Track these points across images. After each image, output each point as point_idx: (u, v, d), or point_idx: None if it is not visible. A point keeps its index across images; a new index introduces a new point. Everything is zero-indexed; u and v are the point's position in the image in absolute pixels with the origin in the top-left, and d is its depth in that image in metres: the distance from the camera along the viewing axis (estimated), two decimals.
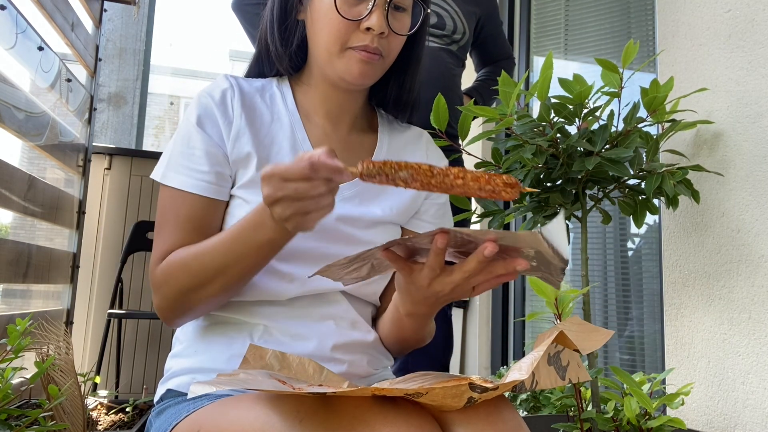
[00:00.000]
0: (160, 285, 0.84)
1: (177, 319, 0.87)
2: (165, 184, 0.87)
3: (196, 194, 0.86)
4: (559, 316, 1.06)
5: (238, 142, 0.89)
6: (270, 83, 0.98)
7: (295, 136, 0.93)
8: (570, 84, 1.18)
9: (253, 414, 0.66)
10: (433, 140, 1.09)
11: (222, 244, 0.80)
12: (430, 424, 0.65)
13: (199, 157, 0.87)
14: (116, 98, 4.16)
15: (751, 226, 1.31)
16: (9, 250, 1.65)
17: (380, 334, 0.96)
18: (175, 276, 0.83)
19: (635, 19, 2.29)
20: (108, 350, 2.55)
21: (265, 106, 0.94)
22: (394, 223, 0.97)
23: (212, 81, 0.94)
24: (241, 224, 0.78)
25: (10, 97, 1.62)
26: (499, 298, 2.66)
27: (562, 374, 0.69)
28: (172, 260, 0.83)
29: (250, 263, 0.80)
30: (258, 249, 0.78)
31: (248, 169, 0.88)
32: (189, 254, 0.82)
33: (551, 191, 1.24)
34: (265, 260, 0.80)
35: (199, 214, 0.86)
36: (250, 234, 0.77)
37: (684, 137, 1.48)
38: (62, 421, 1.25)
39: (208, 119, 0.88)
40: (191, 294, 0.82)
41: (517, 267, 0.68)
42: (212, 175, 0.87)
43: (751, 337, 1.29)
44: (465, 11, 1.79)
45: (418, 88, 1.02)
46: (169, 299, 0.84)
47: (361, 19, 0.86)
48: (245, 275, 0.81)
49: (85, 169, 2.40)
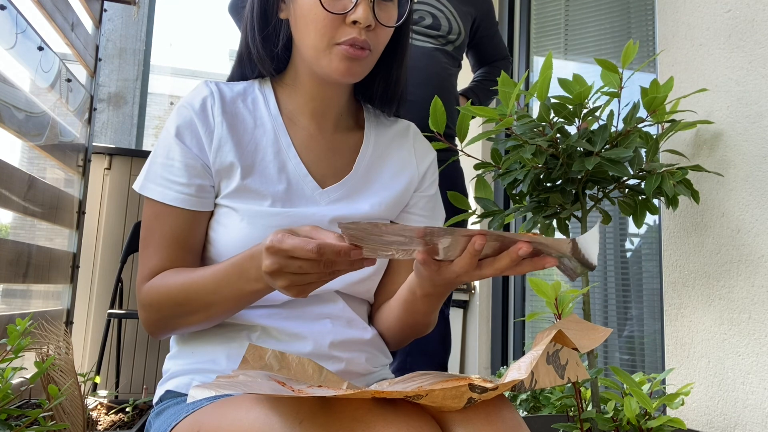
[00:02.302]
0: (145, 306, 0.85)
1: (162, 335, 0.88)
2: (146, 196, 0.87)
3: (177, 207, 0.86)
4: (559, 316, 1.06)
5: (220, 152, 0.88)
6: (252, 86, 0.96)
7: (279, 141, 0.92)
8: (570, 84, 1.17)
9: (253, 415, 0.66)
10: (420, 133, 1.08)
11: (208, 282, 0.80)
12: (430, 425, 0.65)
13: (178, 169, 0.86)
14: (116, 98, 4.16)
15: (751, 226, 1.31)
16: (9, 250, 1.65)
17: (384, 325, 0.95)
18: (160, 302, 0.83)
19: (635, 19, 2.29)
20: (108, 350, 2.55)
21: (247, 112, 0.93)
22: (384, 218, 0.97)
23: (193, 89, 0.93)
24: (228, 269, 0.78)
25: (10, 97, 1.62)
26: (499, 298, 2.66)
27: (561, 373, 0.69)
28: (158, 285, 0.84)
29: (234, 305, 0.81)
30: (242, 295, 0.79)
31: (232, 179, 0.88)
32: (175, 284, 0.82)
33: (551, 191, 1.24)
34: (250, 303, 0.81)
35: (182, 227, 0.86)
36: (236, 281, 0.77)
37: (684, 137, 1.48)
38: (62, 421, 1.25)
39: (187, 130, 0.88)
40: (175, 320, 0.84)
41: (546, 265, 0.68)
42: (192, 187, 0.86)
43: (751, 337, 1.29)
44: (460, 12, 1.80)
45: (404, 82, 1.00)
46: (153, 320, 0.85)
47: (346, 12, 0.84)
48: (230, 311, 0.83)
49: (85, 169, 2.40)
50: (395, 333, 0.95)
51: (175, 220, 0.86)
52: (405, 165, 1.01)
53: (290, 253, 0.66)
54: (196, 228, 0.88)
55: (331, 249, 0.64)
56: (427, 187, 1.03)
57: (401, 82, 1.00)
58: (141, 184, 0.88)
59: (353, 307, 0.93)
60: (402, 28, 0.95)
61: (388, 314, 0.94)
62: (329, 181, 0.93)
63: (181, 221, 0.86)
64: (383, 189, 0.97)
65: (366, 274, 0.92)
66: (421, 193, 1.02)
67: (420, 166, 1.02)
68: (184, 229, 0.86)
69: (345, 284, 0.91)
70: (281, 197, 0.89)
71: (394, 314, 0.92)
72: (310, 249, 0.64)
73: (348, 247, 0.64)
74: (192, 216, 0.87)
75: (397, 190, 0.98)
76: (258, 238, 0.84)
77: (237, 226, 0.86)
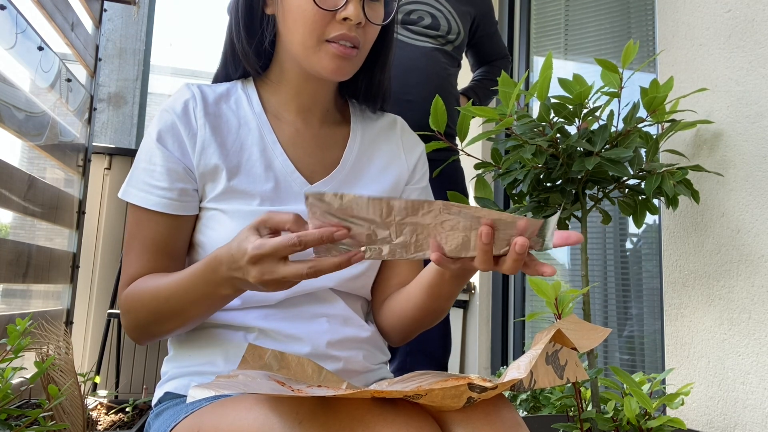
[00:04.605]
0: (123, 313, 0.86)
1: (144, 341, 0.88)
2: (129, 202, 0.87)
3: (159, 212, 0.86)
4: (559, 316, 1.06)
5: (204, 154, 0.87)
6: (234, 86, 0.96)
7: (264, 139, 0.92)
8: (570, 84, 1.17)
9: (253, 415, 0.66)
10: (408, 127, 1.07)
11: (178, 287, 0.79)
12: (430, 425, 0.65)
13: (160, 173, 0.86)
14: (116, 98, 4.16)
15: (751, 226, 1.31)
16: (9, 250, 1.65)
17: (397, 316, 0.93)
18: (135, 309, 0.84)
19: (635, 19, 2.29)
20: (108, 350, 2.55)
21: (230, 112, 0.92)
22: None
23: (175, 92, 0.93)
24: (192, 276, 0.78)
25: (10, 97, 1.62)
26: (499, 298, 2.66)
27: (560, 373, 0.69)
28: (133, 292, 0.84)
29: (205, 310, 0.81)
30: (212, 300, 0.78)
31: (218, 181, 0.87)
32: (148, 291, 0.82)
33: (551, 191, 1.24)
34: (220, 307, 0.81)
35: (164, 232, 0.86)
36: (202, 288, 0.77)
37: (684, 137, 1.48)
38: (62, 421, 1.25)
39: (169, 134, 0.87)
40: (152, 326, 0.84)
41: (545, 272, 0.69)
42: (174, 191, 0.86)
43: (751, 337, 1.29)
44: (459, 12, 1.80)
45: (389, 79, 1.01)
46: (132, 327, 0.86)
47: (337, 9, 0.85)
48: (202, 316, 0.82)
49: (85, 169, 2.40)
50: (409, 323, 0.93)
51: (156, 226, 0.86)
52: (393, 158, 1.01)
53: (273, 254, 0.66)
54: (178, 233, 0.87)
55: (312, 237, 0.64)
56: (418, 179, 1.03)
57: (385, 79, 1.00)
58: (123, 190, 0.88)
59: (349, 305, 0.92)
60: (387, 27, 0.96)
61: (403, 303, 0.92)
62: (318, 176, 0.93)
63: (163, 227, 0.86)
64: (373, 182, 0.97)
65: (361, 270, 0.92)
66: (413, 185, 1.02)
67: (409, 159, 1.03)
68: (165, 234, 0.86)
69: (340, 281, 0.90)
70: (270, 196, 0.88)
71: (413, 302, 0.90)
72: (293, 243, 0.65)
73: (329, 231, 0.64)
74: (174, 221, 0.87)
75: (388, 183, 0.98)
76: None
77: (226, 228, 0.86)
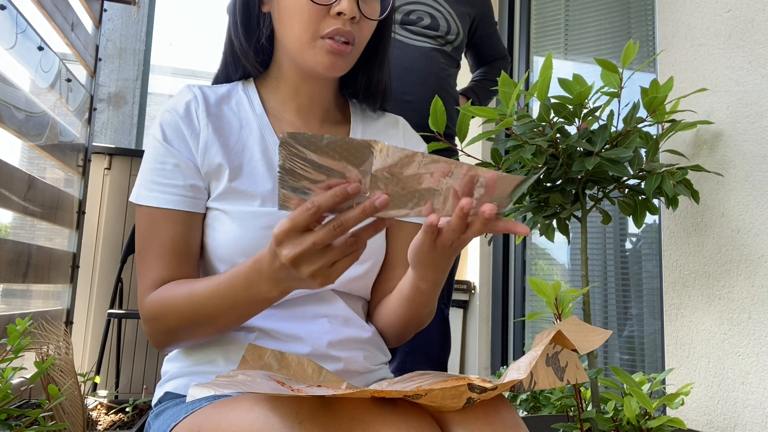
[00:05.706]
0: (149, 320, 0.83)
1: (169, 348, 0.87)
2: (142, 204, 0.86)
3: (174, 209, 0.85)
4: (559, 316, 1.06)
5: (207, 154, 0.87)
6: (235, 87, 0.96)
7: (265, 139, 0.92)
8: (570, 84, 1.17)
9: (253, 415, 0.66)
10: (410, 127, 1.08)
11: (212, 294, 0.77)
12: (430, 425, 0.65)
13: (171, 171, 0.86)
14: (116, 98, 4.16)
15: (751, 226, 1.31)
16: (9, 250, 1.65)
17: (385, 321, 0.94)
18: (165, 316, 0.81)
19: (635, 19, 2.29)
20: (108, 350, 2.55)
21: (232, 113, 0.92)
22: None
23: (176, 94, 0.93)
24: (232, 280, 0.75)
25: (10, 97, 1.62)
26: (499, 298, 2.66)
27: (560, 375, 0.69)
28: (162, 298, 0.82)
29: (244, 314, 0.79)
30: (251, 304, 0.76)
31: (221, 181, 0.87)
32: (179, 296, 0.80)
33: (551, 191, 1.24)
34: (260, 311, 0.79)
35: (182, 231, 0.85)
36: (242, 291, 0.74)
37: (684, 137, 1.48)
38: (62, 421, 1.25)
39: (174, 134, 0.87)
40: (181, 333, 0.82)
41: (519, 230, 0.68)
42: (187, 188, 0.86)
43: (751, 337, 1.29)
44: (458, 12, 1.80)
45: (388, 77, 1.01)
46: (159, 334, 0.83)
47: (331, 4, 0.85)
48: (238, 321, 0.80)
49: (85, 169, 2.40)
50: (398, 329, 0.94)
51: (173, 225, 0.85)
52: None
53: (294, 227, 0.62)
54: (194, 232, 0.87)
55: (325, 198, 0.60)
56: None
57: (384, 77, 1.00)
58: (136, 194, 0.87)
59: (350, 305, 0.93)
60: (384, 24, 0.96)
61: (388, 311, 0.93)
62: None
63: (180, 225, 0.85)
64: None
65: (362, 270, 0.92)
66: None
67: None
68: (183, 233, 0.85)
69: (341, 282, 0.90)
70: (271, 196, 0.88)
71: (395, 311, 0.91)
72: (308, 209, 0.61)
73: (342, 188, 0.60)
74: (189, 218, 0.86)
75: None
76: (249, 239, 0.84)
77: (227, 229, 0.86)
